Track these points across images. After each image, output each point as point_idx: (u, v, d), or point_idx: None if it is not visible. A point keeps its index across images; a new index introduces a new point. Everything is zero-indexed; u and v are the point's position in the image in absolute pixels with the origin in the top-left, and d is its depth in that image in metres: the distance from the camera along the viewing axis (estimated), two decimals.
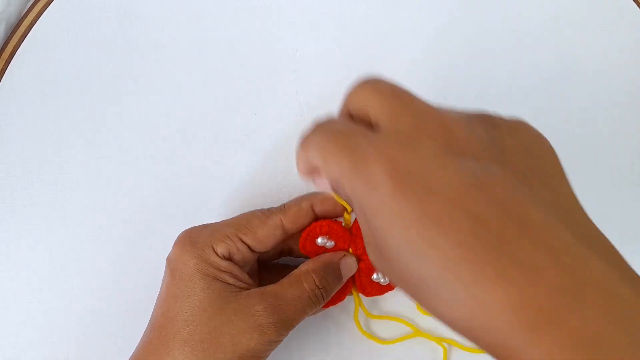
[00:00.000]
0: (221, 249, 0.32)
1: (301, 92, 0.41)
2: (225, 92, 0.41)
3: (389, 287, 0.37)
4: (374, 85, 0.25)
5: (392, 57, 0.41)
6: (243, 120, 0.41)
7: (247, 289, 0.32)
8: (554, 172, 0.23)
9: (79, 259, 0.40)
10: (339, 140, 0.23)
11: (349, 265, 0.35)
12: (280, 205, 0.35)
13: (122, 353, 0.40)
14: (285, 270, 0.35)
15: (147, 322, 0.34)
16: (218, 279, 0.32)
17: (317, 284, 0.33)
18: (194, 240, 0.33)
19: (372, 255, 0.24)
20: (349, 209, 0.35)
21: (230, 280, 0.32)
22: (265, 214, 0.34)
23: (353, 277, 0.36)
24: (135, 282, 0.40)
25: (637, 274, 0.21)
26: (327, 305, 0.35)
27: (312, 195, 0.35)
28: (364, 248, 0.36)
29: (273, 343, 0.32)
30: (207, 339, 0.30)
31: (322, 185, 0.26)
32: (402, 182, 0.21)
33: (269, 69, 0.41)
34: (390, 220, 0.21)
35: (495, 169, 0.21)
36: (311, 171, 0.25)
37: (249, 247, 0.33)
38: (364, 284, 0.37)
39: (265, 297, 0.32)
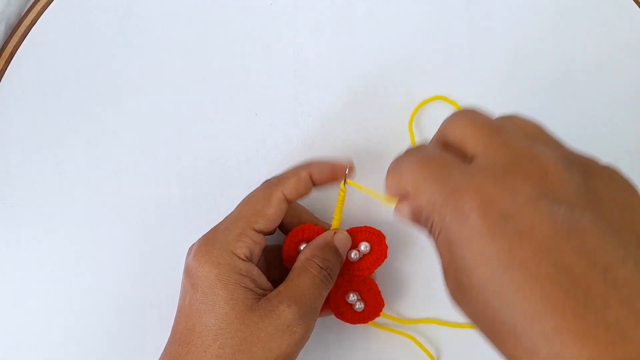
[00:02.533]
0: (241, 250, 0.32)
1: (301, 92, 0.41)
2: (225, 92, 0.41)
3: (361, 318, 0.36)
4: (473, 117, 0.24)
5: (392, 57, 0.41)
6: (243, 120, 0.41)
7: (264, 294, 0.32)
8: None
9: (79, 259, 0.40)
10: (433, 168, 0.23)
11: (343, 240, 0.35)
12: (276, 178, 0.35)
13: (122, 353, 0.40)
14: (282, 267, 0.36)
15: (168, 334, 0.33)
16: (241, 286, 0.31)
17: (321, 265, 0.33)
18: (210, 248, 0.32)
19: (450, 284, 0.23)
20: (343, 187, 0.35)
21: (251, 285, 0.32)
22: (265, 192, 0.34)
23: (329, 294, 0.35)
24: (136, 282, 0.40)
25: None
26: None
27: (309, 165, 0.35)
28: (347, 260, 0.36)
29: (302, 341, 0.32)
30: (239, 350, 0.30)
31: (403, 212, 0.25)
32: (494, 222, 0.21)
33: (269, 69, 0.41)
34: (477, 257, 0.21)
35: (588, 219, 0.21)
36: (399, 195, 0.25)
37: (262, 232, 0.33)
38: (338, 302, 0.36)
39: (285, 295, 0.32)
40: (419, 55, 0.41)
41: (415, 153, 0.25)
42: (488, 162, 0.23)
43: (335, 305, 0.36)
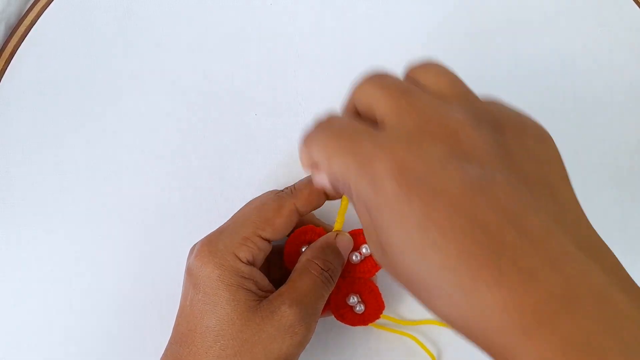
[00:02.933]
0: (244, 254, 0.32)
1: (301, 92, 0.41)
2: (225, 92, 0.41)
3: (361, 320, 0.36)
4: (380, 81, 0.24)
5: (393, 56, 0.41)
6: (243, 120, 0.41)
7: (266, 296, 0.32)
8: (558, 178, 0.23)
9: (79, 259, 0.40)
10: (343, 139, 0.23)
11: (345, 242, 0.35)
12: (290, 188, 0.34)
13: (122, 353, 0.40)
14: (283, 268, 0.35)
15: (168, 335, 0.33)
16: (242, 288, 0.31)
17: (323, 267, 0.33)
18: (213, 249, 0.32)
19: (374, 250, 0.24)
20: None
21: (253, 287, 0.32)
22: (277, 202, 0.34)
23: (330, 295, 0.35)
24: (136, 282, 0.40)
25: (634, 282, 0.21)
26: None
27: None
28: (348, 262, 0.36)
29: (303, 343, 0.32)
30: (240, 352, 0.30)
31: (321, 180, 0.26)
32: (407, 185, 0.21)
33: (269, 69, 0.41)
34: (394, 220, 0.21)
35: (499, 174, 0.21)
36: (313, 166, 0.25)
37: (268, 241, 0.33)
38: (339, 304, 0.36)
39: (286, 296, 0.32)
40: (419, 52, 0.41)
41: (323, 126, 0.25)
42: (397, 128, 0.23)
43: (335, 307, 0.36)
